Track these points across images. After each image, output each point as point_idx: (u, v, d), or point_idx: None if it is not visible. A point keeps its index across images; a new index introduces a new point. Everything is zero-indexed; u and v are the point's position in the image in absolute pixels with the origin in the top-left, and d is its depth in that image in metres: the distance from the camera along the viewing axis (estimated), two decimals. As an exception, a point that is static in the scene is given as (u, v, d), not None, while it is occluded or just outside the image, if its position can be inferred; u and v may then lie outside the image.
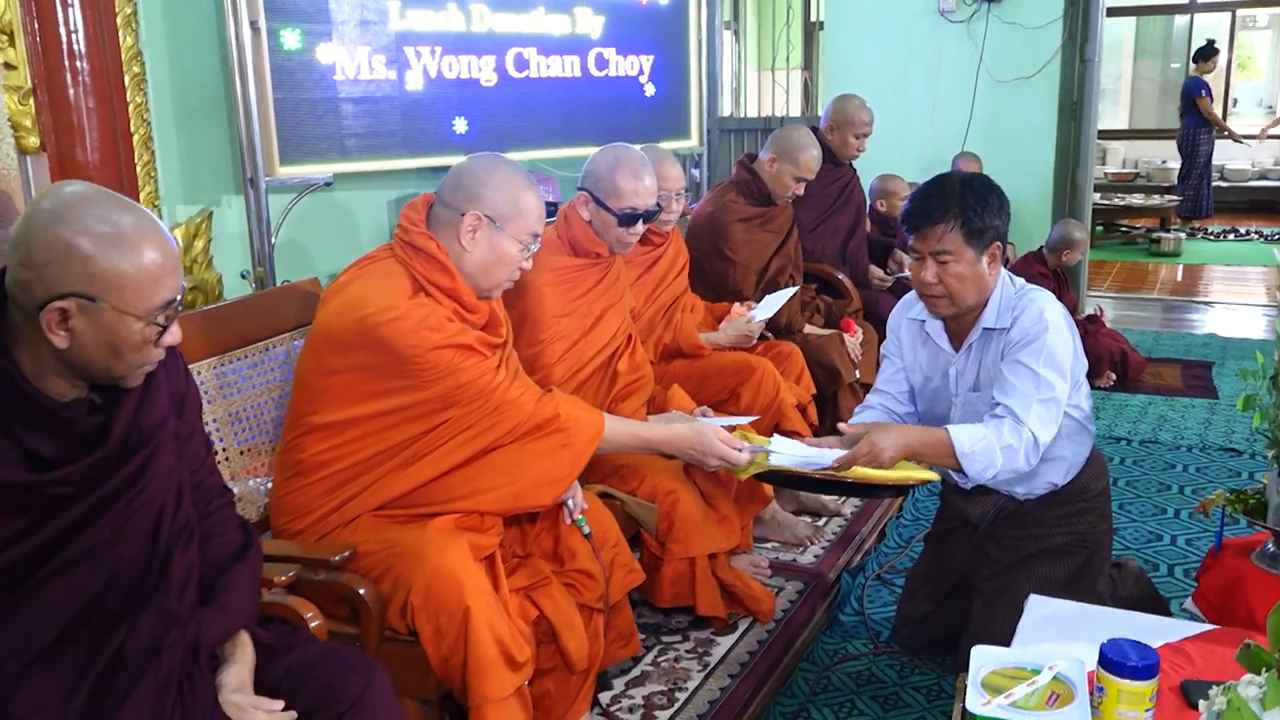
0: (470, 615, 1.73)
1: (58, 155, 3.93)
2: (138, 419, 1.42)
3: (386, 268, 1.96)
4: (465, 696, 1.76)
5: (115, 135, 4.08)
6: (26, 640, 1.30)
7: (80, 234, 1.31)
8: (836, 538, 3.08)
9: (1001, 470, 2.07)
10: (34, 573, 1.32)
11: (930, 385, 2.29)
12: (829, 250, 4.03)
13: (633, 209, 2.52)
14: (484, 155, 2.07)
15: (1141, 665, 1.55)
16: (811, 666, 2.54)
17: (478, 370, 1.93)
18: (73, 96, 3.98)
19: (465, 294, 1.97)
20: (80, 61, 3.97)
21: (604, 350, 2.59)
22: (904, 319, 2.34)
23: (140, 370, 1.41)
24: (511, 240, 1.99)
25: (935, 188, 2.14)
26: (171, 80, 4.30)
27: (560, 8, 5.16)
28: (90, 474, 1.36)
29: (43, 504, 1.33)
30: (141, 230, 1.35)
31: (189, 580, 1.45)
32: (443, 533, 1.86)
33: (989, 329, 2.16)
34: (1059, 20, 5.88)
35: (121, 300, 1.33)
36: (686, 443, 2.15)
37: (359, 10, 4.46)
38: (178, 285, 1.38)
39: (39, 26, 3.85)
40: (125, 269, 1.32)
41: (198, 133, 4.41)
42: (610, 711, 2.24)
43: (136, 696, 1.32)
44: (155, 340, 1.37)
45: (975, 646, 1.56)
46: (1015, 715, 1.39)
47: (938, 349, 2.26)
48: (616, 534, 2.15)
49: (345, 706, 1.50)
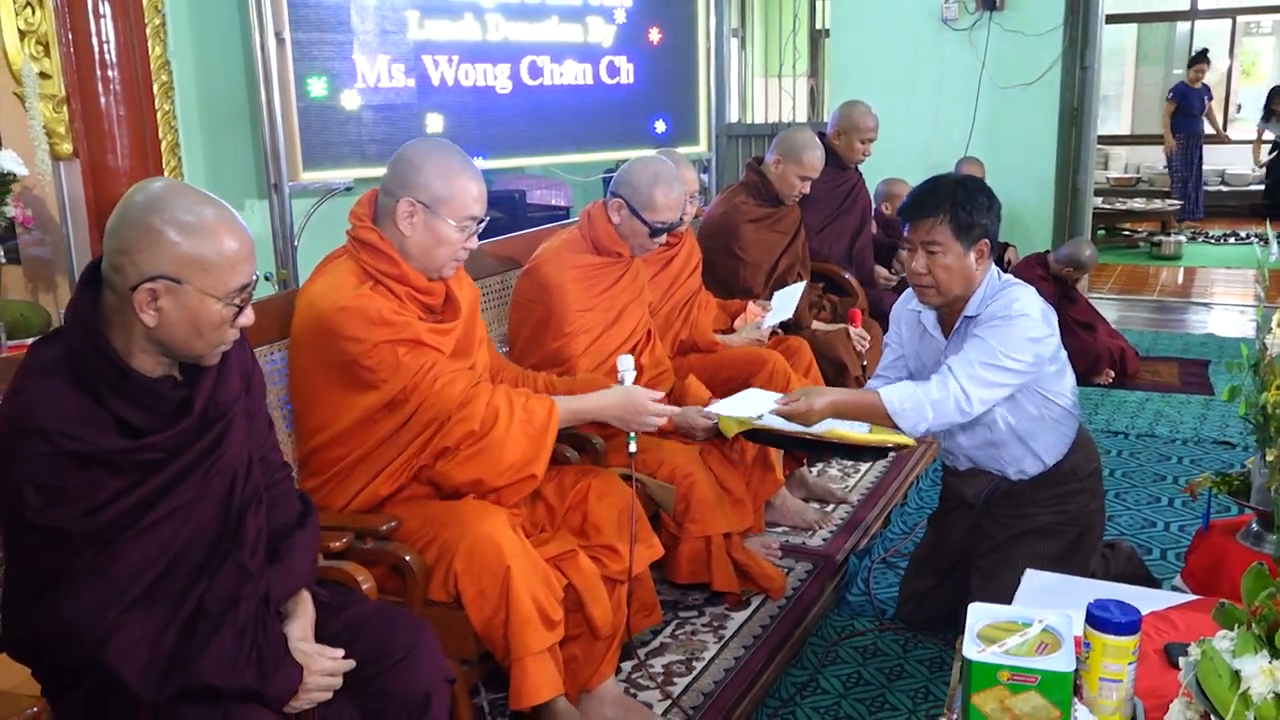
0: (511, 575, 1.88)
1: (89, 161, 4.09)
2: (215, 394, 1.57)
3: (340, 264, 2.08)
4: (505, 654, 1.91)
5: (144, 142, 4.24)
6: (122, 589, 1.45)
7: (168, 223, 1.46)
8: (844, 523, 3.22)
9: (934, 422, 2.21)
10: (129, 529, 1.47)
11: (925, 371, 2.44)
12: (836, 250, 4.18)
13: (665, 223, 2.68)
14: (420, 141, 2.15)
15: (1124, 621, 1.68)
16: (820, 641, 2.68)
17: (420, 364, 2.00)
18: (104, 104, 4.14)
19: (413, 278, 2.06)
20: (111, 70, 4.13)
21: (626, 344, 2.73)
22: (904, 310, 2.52)
23: (217, 350, 1.56)
24: (447, 223, 2.04)
25: (931, 185, 2.32)
26: (198, 88, 4.46)
27: (572, 17, 5.32)
28: (175, 442, 1.51)
29: (135, 468, 1.48)
30: (221, 220, 1.50)
31: (259, 541, 1.60)
32: (479, 504, 2.01)
33: (969, 316, 2.32)
34: (1059, 28, 6.01)
35: (203, 282, 1.48)
36: (618, 406, 2.18)
37: (379, 20, 4.62)
38: (252, 270, 1.54)
39: (73, 37, 4.02)
40: (207, 254, 1.48)
41: (222, 139, 4.57)
42: (633, 679, 2.39)
43: (218, 641, 1.47)
44: (232, 320, 1.52)
45: (972, 604, 1.70)
46: (1007, 660, 1.53)
47: (931, 337, 2.43)
48: (639, 510, 2.28)
49: (397, 658, 1.66)
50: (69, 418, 1.44)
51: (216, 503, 1.56)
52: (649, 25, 5.67)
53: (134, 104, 4.16)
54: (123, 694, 1.45)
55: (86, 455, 1.45)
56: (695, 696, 2.33)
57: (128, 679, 1.42)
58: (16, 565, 1.49)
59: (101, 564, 1.45)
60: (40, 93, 3.96)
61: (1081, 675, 1.73)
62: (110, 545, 1.46)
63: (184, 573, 1.51)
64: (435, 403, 2.00)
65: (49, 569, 1.44)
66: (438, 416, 2.01)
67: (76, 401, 1.46)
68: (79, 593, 1.43)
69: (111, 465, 1.46)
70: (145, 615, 1.46)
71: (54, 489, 1.43)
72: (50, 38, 3.98)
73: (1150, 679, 1.84)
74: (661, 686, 2.37)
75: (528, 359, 2.67)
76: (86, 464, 1.45)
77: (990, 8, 6.09)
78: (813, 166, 3.62)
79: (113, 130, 4.17)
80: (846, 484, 3.52)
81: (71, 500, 1.44)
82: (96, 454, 1.45)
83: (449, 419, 2.00)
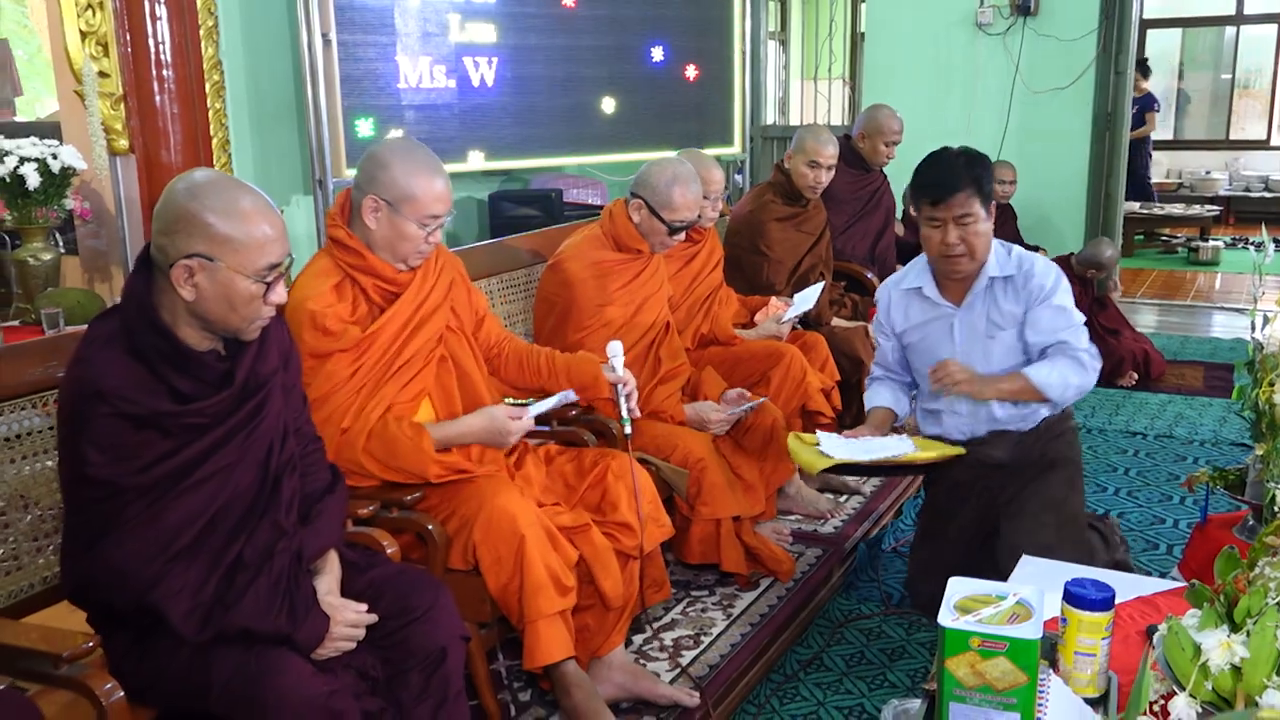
0: (525, 544, 2.02)
1: (144, 157, 4.29)
2: (255, 367, 1.73)
3: (316, 261, 2.21)
4: (519, 617, 2.06)
5: (196, 138, 4.44)
6: (169, 540, 1.61)
7: (205, 208, 1.62)
8: (856, 512, 3.33)
9: (1075, 387, 2.49)
10: (176, 486, 1.63)
11: (924, 343, 2.63)
12: (859, 250, 4.28)
13: (683, 221, 2.80)
14: (390, 140, 2.25)
15: (1099, 598, 1.79)
16: (826, 623, 2.80)
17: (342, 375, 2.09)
18: (159, 102, 4.34)
19: (381, 268, 2.15)
20: (166, 70, 4.33)
21: (645, 337, 2.86)
22: (893, 291, 2.67)
23: (253, 325, 1.70)
24: (409, 221, 2.12)
25: (944, 163, 2.51)
26: (247, 87, 4.65)
27: (610, 22, 5.46)
28: (219, 409, 1.67)
29: (182, 430, 1.64)
30: (252, 205, 1.66)
31: (293, 503, 1.76)
32: (496, 479, 2.16)
33: (995, 278, 2.53)
34: (1094, 33, 6.05)
35: (234, 260, 1.63)
36: (482, 429, 2.22)
37: (422, 23, 4.79)
38: (281, 252, 1.68)
39: (130, 38, 4.22)
40: (237, 235, 1.63)
41: (269, 136, 4.76)
42: (643, 650, 2.52)
43: (254, 590, 1.63)
44: (262, 297, 1.67)
45: (953, 577, 1.81)
46: (979, 628, 1.64)
47: (935, 308, 2.59)
48: (653, 491, 2.41)
49: (418, 614, 1.80)
50: (125, 383, 1.60)
51: (255, 466, 1.71)
52: (685, 63, 5.80)
53: (187, 102, 4.35)
54: (167, 635, 1.61)
55: (140, 417, 1.61)
56: (702, 667, 2.45)
57: (173, 620, 1.57)
58: (75, 516, 1.65)
59: (151, 517, 1.61)
60: (99, 91, 4.17)
61: (1058, 649, 1.84)
62: (159, 500, 1.61)
63: (225, 528, 1.66)
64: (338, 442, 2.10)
65: (104, 519, 1.60)
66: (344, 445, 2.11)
67: (131, 369, 1.62)
68: (129, 541, 1.59)
69: (162, 428, 1.62)
70: (190, 564, 1.61)
71: (111, 447, 1.59)
72: (109, 38, 4.18)
73: (1130, 658, 1.94)
74: (671, 657, 2.50)
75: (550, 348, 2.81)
76: (140, 425, 1.61)
77: (1025, 12, 6.13)
78: (818, 151, 3.71)
79: (167, 127, 4.36)
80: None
81: (126, 458, 1.60)
82: (149, 416, 1.61)
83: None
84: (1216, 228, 9.52)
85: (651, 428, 2.73)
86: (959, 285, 2.58)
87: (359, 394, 2.12)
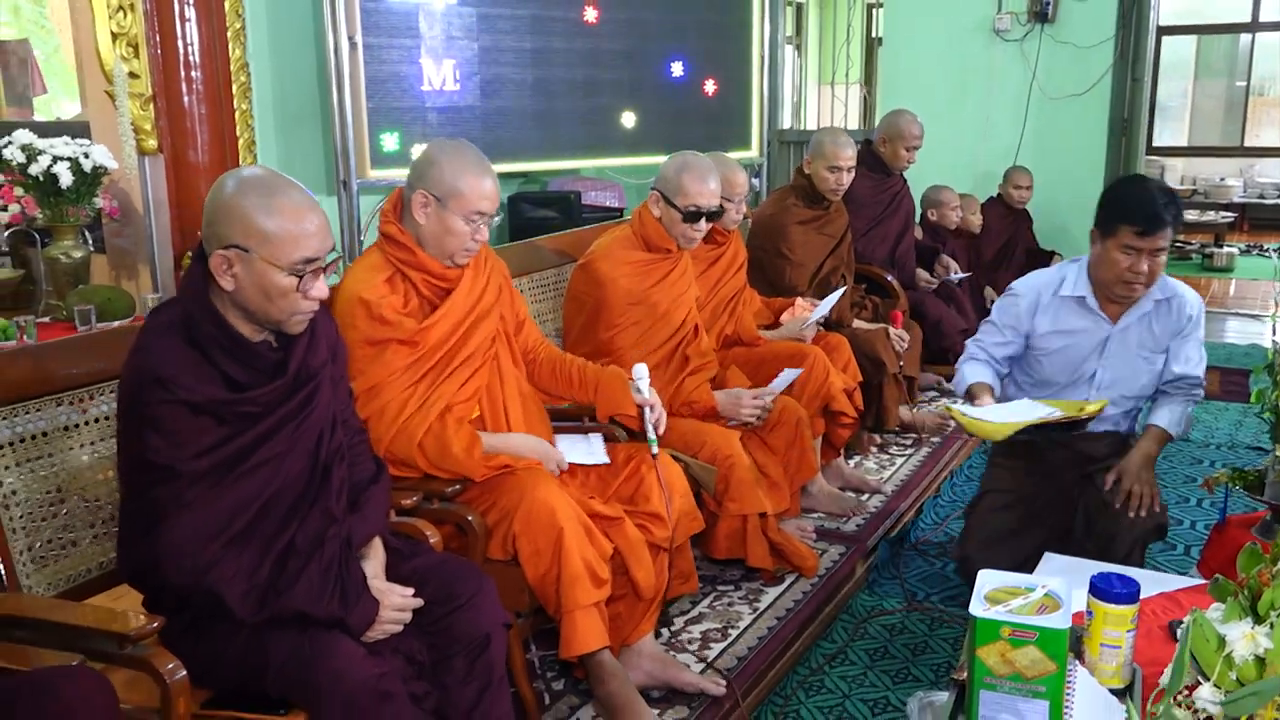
0: (563, 536, 2.08)
1: (172, 157, 4.35)
2: (306, 359, 1.79)
3: (368, 258, 2.28)
4: (556, 607, 2.12)
5: (223, 139, 4.51)
6: (224, 524, 1.67)
7: (245, 201, 1.68)
8: (877, 511, 3.38)
9: (1188, 420, 2.72)
10: (230, 472, 1.69)
11: (1065, 352, 2.71)
12: (879, 253, 4.33)
13: (696, 207, 2.85)
14: (440, 140, 2.33)
15: (1124, 592, 1.84)
16: (850, 618, 2.85)
17: (399, 365, 2.16)
18: (187, 103, 4.40)
19: (429, 264, 2.22)
20: (195, 71, 4.39)
21: (674, 336, 2.92)
22: (1051, 297, 2.70)
23: (294, 318, 1.74)
24: (456, 217, 2.19)
25: (1161, 198, 2.51)
26: (273, 89, 4.72)
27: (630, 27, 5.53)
28: (271, 398, 1.73)
29: (236, 419, 1.70)
30: (291, 201, 1.70)
31: (342, 490, 1.82)
32: (535, 472, 2.22)
33: (1158, 300, 2.64)
34: (1111, 40, 6.09)
35: (267, 252, 1.68)
36: (531, 451, 2.31)
37: (445, 27, 4.86)
38: (317, 248, 1.71)
39: (160, 39, 4.29)
40: (270, 227, 1.68)
41: (295, 137, 4.83)
42: (672, 642, 2.57)
43: (307, 574, 1.68)
44: (298, 289, 1.70)
45: (982, 570, 1.85)
46: (1009, 618, 1.69)
47: (1095, 320, 2.67)
48: (684, 486, 2.47)
49: (462, 602, 1.86)
50: (182, 371, 1.67)
51: (305, 455, 1.77)
52: (704, 69, 5.86)
53: (214, 103, 4.41)
54: (224, 619, 1.67)
55: (196, 404, 1.67)
56: (730, 659, 2.51)
57: (229, 602, 1.63)
58: (133, 500, 1.71)
59: (206, 501, 1.67)
60: (129, 91, 4.23)
61: (1084, 642, 1.89)
62: (214, 486, 1.67)
63: (277, 515, 1.72)
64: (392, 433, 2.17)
65: (161, 503, 1.66)
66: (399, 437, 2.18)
67: (189, 357, 1.69)
68: (186, 525, 1.65)
69: (217, 415, 1.69)
70: (244, 549, 1.67)
71: (169, 432, 1.65)
72: (140, 40, 4.24)
73: (1154, 651, 1.99)
74: (698, 654, 2.55)
75: (580, 348, 2.86)
76: (196, 411, 1.67)
77: (1042, 19, 6.18)
78: (835, 155, 3.76)
79: (194, 128, 4.42)
80: (882, 475, 3.67)
81: (183, 443, 1.66)
82: (205, 404, 1.68)
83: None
84: (1231, 234, 9.53)
85: (680, 425, 2.78)
86: (1118, 305, 2.66)
87: (416, 387, 2.18)
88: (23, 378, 1.83)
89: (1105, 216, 2.60)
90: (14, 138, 3.98)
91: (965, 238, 5.42)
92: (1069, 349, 2.71)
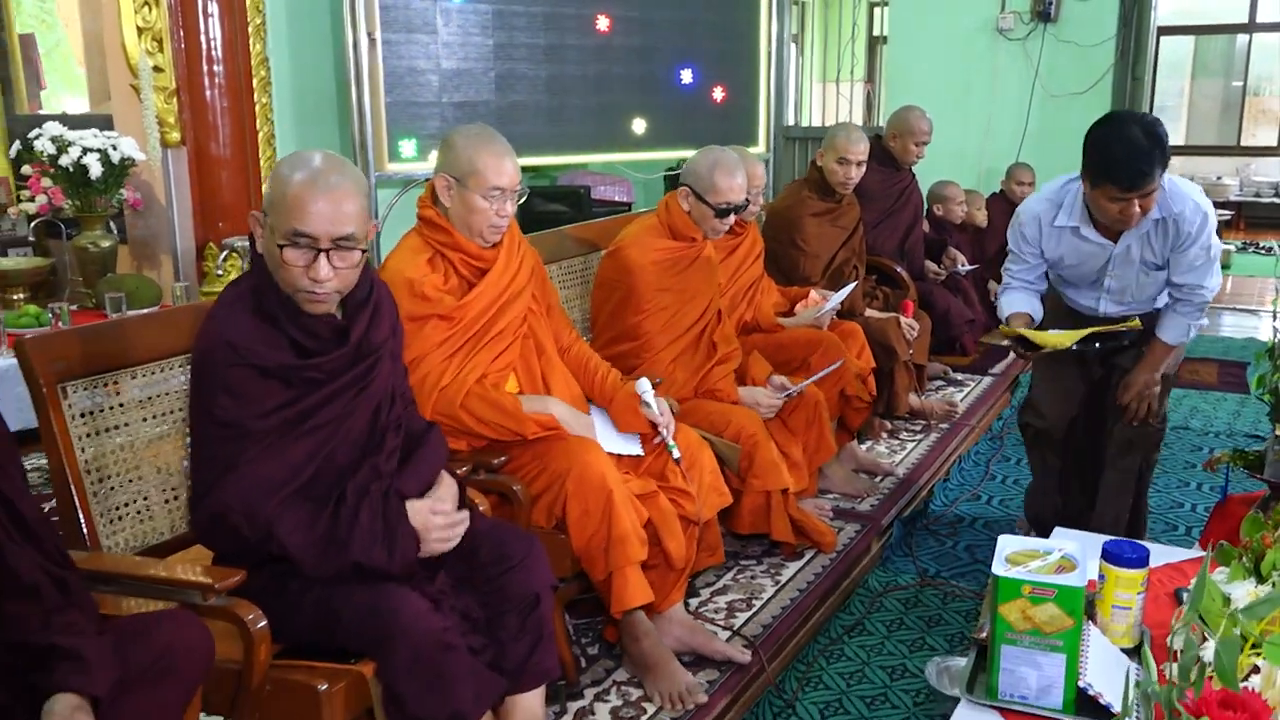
0: (613, 497, 2.22)
1: (194, 149, 4.46)
2: (368, 333, 1.91)
3: (408, 241, 2.41)
4: (603, 568, 2.25)
5: (244, 132, 4.61)
6: (286, 479, 1.79)
7: (276, 170, 1.81)
8: (890, 492, 3.50)
9: (1195, 328, 2.87)
10: (293, 431, 1.82)
11: (1078, 268, 2.84)
12: (889, 245, 4.45)
13: (728, 203, 2.97)
14: (460, 126, 2.46)
15: (1134, 557, 1.96)
16: (866, 592, 2.97)
17: (437, 340, 2.28)
18: (209, 97, 4.51)
19: (465, 244, 2.35)
20: (217, 66, 4.50)
21: (699, 322, 3.04)
22: (1048, 228, 2.80)
23: (303, 295, 1.80)
24: (475, 195, 2.30)
25: (1137, 151, 2.49)
26: (292, 83, 4.83)
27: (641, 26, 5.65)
28: (335, 365, 1.86)
29: (301, 383, 1.83)
30: (306, 173, 1.77)
31: (393, 454, 1.94)
32: (582, 440, 2.35)
33: (1157, 220, 2.66)
34: (1112, 39, 6.21)
35: (273, 219, 1.79)
36: (568, 413, 2.43)
37: (463, 23, 4.98)
38: (317, 227, 1.74)
39: (183, 34, 4.39)
40: (276, 194, 1.79)
41: (313, 130, 4.94)
42: (699, 612, 2.69)
43: (359, 526, 1.80)
44: (296, 264, 1.76)
45: (1002, 535, 1.97)
46: (1030, 576, 1.81)
47: (1094, 245, 2.76)
48: (713, 463, 2.60)
49: (514, 563, 1.97)
50: (252, 338, 1.80)
51: (363, 421, 1.90)
52: (713, 75, 5.95)
53: (236, 97, 4.52)
54: (294, 577, 1.79)
55: (265, 368, 1.80)
56: (754, 628, 2.63)
57: (292, 554, 1.76)
58: (202, 458, 1.82)
59: (269, 457, 1.79)
60: (155, 85, 4.34)
61: (1097, 604, 2.01)
62: (276, 444, 1.80)
63: (334, 473, 1.85)
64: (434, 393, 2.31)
65: (228, 458, 1.77)
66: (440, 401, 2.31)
67: (257, 326, 1.82)
68: (250, 478, 1.76)
69: (285, 379, 1.81)
70: (305, 501, 1.80)
71: (238, 393, 1.78)
72: (164, 34, 4.34)
73: (1161, 614, 2.12)
74: (724, 624, 2.67)
75: (608, 332, 2.99)
76: (265, 375, 1.80)
77: (1045, 19, 6.30)
78: (847, 149, 3.88)
79: (216, 121, 4.53)
80: (893, 459, 3.79)
81: (251, 403, 1.78)
82: (274, 368, 1.80)
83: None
84: (1228, 232, 9.67)
85: (706, 405, 2.91)
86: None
87: (452, 359, 2.31)
88: (105, 351, 1.95)
89: (1090, 169, 2.59)
90: (44, 129, 4.09)
91: (970, 232, 5.54)
92: (1078, 265, 2.83)
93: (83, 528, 1.86)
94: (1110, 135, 2.54)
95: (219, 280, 4.27)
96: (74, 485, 1.86)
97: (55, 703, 1.38)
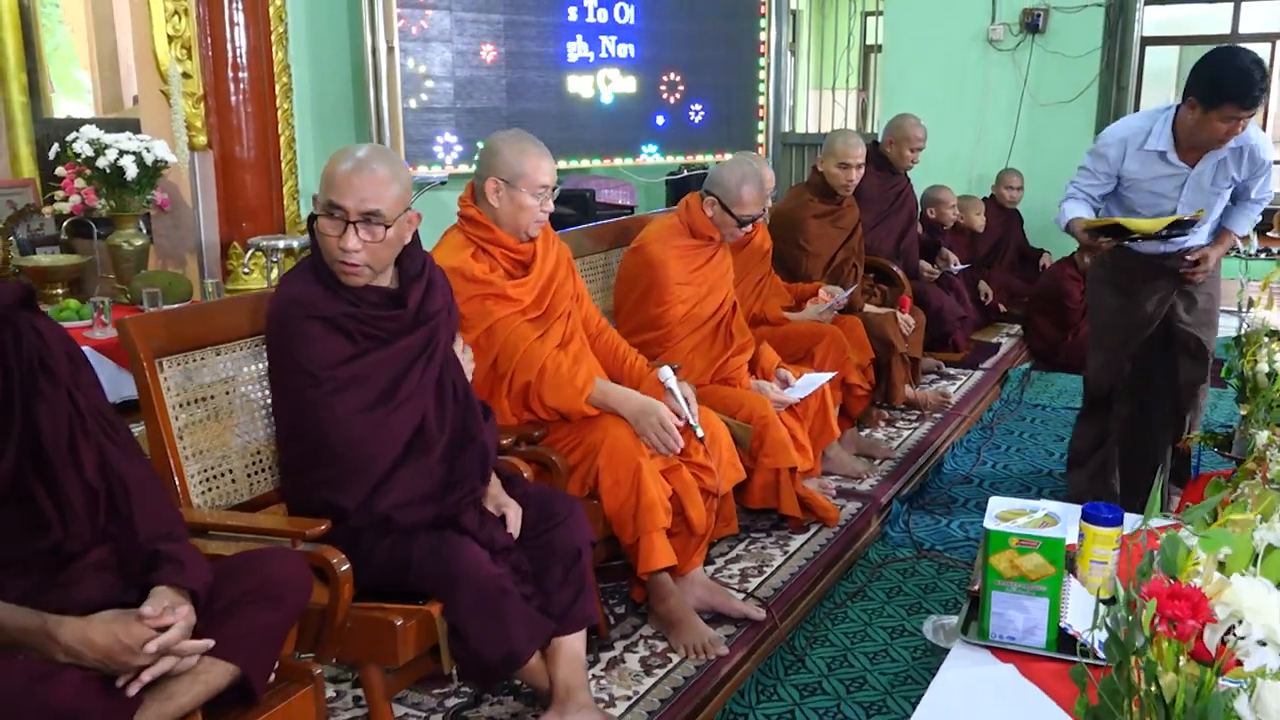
0: (641, 469, 2.46)
1: (220, 152, 4.68)
2: (424, 303, 2.16)
3: (451, 236, 2.64)
4: (632, 532, 2.49)
5: (266, 136, 4.84)
6: (386, 449, 2.05)
7: (332, 158, 2.06)
8: (888, 473, 3.75)
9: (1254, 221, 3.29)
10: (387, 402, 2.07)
11: (1149, 189, 3.15)
12: (885, 246, 4.70)
13: (750, 216, 3.23)
14: (499, 132, 2.70)
15: (1110, 518, 2.21)
16: (867, 564, 3.22)
17: (503, 313, 2.51)
18: (234, 102, 4.74)
19: (506, 240, 2.57)
20: (242, 72, 4.73)
21: (717, 314, 3.29)
22: (1134, 151, 3.12)
23: (338, 265, 2.05)
24: (525, 194, 2.53)
25: (1256, 73, 2.84)
26: (312, 89, 5.05)
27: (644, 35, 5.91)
28: (393, 325, 2.10)
29: (364, 337, 2.08)
30: (355, 158, 2.04)
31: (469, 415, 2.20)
32: (615, 417, 2.57)
33: (1233, 148, 3.03)
34: (1098, 50, 6.48)
35: (320, 193, 2.06)
36: (637, 407, 2.59)
37: (476, 35, 5.23)
38: (346, 200, 2.00)
39: (210, 42, 4.61)
40: (329, 173, 2.05)
41: (329, 134, 5.17)
42: (715, 578, 2.94)
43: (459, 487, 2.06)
44: (328, 233, 2.03)
45: (992, 498, 2.21)
46: (1016, 529, 2.05)
47: (1173, 169, 3.09)
48: (728, 440, 2.83)
49: (559, 520, 2.21)
50: (313, 295, 2.07)
51: (434, 392, 2.15)
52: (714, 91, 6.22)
53: (259, 102, 4.74)
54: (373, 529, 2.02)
55: (327, 319, 2.05)
56: (766, 590, 2.87)
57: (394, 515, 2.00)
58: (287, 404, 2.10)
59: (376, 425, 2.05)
60: (183, 90, 4.56)
61: (1077, 560, 2.25)
62: (379, 410, 2.06)
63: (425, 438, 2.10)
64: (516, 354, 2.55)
65: (305, 405, 2.03)
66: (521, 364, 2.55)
67: (318, 288, 2.08)
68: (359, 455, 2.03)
69: (346, 331, 2.06)
70: (408, 467, 2.06)
71: (309, 341, 2.03)
72: (193, 42, 4.57)
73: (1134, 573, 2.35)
74: (738, 588, 2.91)
75: (630, 322, 3.23)
76: (329, 327, 2.05)
77: (1033, 30, 6.57)
78: (846, 154, 4.13)
79: (240, 125, 4.75)
80: (892, 443, 4.04)
81: (321, 352, 2.04)
82: (334, 318, 2.06)
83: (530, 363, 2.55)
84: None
85: (721, 390, 3.15)
86: (1196, 152, 3.05)
87: (527, 327, 2.55)
88: (189, 333, 2.18)
89: (1209, 93, 2.89)
90: (81, 132, 4.30)
91: (964, 235, 5.80)
92: (1152, 189, 3.14)
93: (177, 488, 2.09)
94: (1230, 63, 2.89)
95: (244, 279, 4.50)
96: (169, 448, 2.09)
97: (160, 594, 1.61)
